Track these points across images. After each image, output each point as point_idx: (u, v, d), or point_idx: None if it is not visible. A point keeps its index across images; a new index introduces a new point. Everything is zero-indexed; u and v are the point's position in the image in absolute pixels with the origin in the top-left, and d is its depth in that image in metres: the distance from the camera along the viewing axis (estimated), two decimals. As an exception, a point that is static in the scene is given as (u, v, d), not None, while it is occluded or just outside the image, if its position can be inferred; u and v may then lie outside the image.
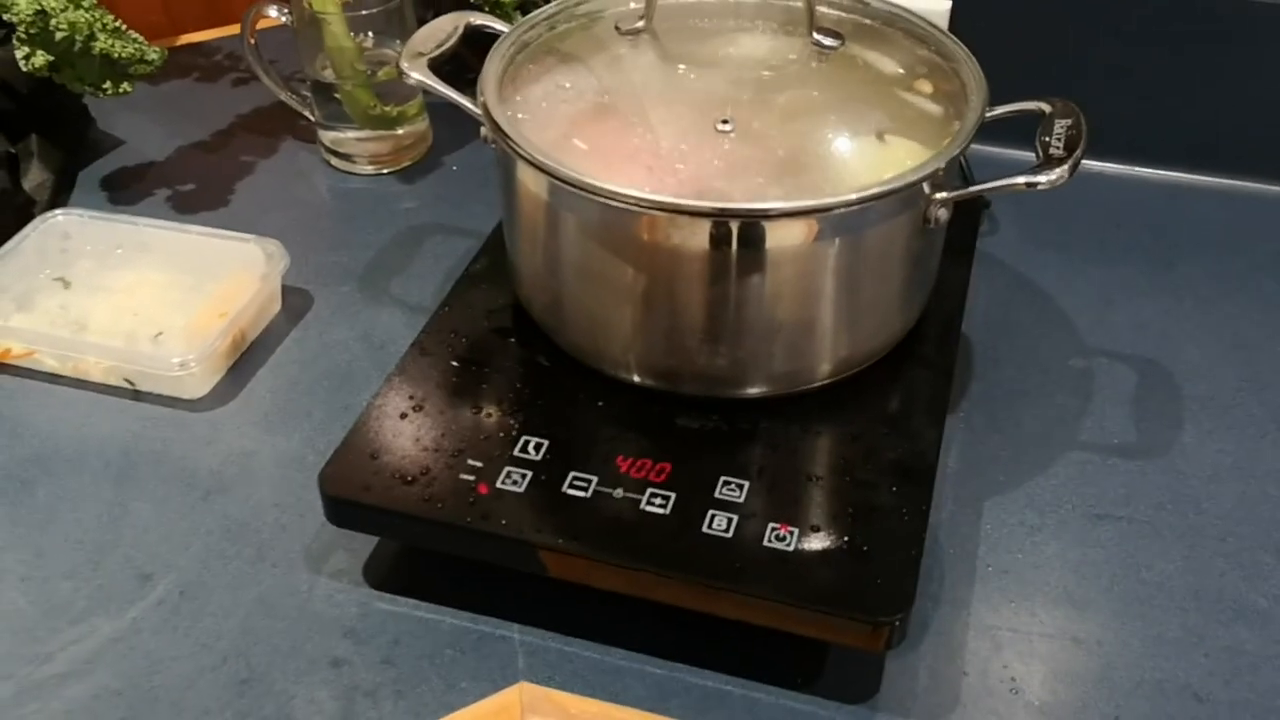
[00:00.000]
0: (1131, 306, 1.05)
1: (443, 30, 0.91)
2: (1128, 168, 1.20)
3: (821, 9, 0.92)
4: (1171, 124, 1.19)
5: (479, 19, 0.93)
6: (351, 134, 1.20)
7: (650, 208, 0.75)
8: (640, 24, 0.90)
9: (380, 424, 0.82)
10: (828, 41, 0.90)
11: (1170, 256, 1.11)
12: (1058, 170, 0.78)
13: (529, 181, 0.82)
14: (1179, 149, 1.20)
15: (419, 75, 0.87)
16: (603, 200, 0.76)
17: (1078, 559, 0.84)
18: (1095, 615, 0.80)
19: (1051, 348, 1.01)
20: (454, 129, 1.26)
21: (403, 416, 0.82)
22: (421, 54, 0.88)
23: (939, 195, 0.79)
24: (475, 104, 0.84)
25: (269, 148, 1.26)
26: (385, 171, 1.22)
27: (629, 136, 0.84)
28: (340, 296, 1.06)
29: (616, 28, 0.91)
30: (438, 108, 1.24)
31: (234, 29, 1.41)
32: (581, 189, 0.76)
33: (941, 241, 0.87)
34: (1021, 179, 0.78)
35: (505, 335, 0.90)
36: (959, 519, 0.86)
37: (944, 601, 0.81)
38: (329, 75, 1.16)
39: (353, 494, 0.78)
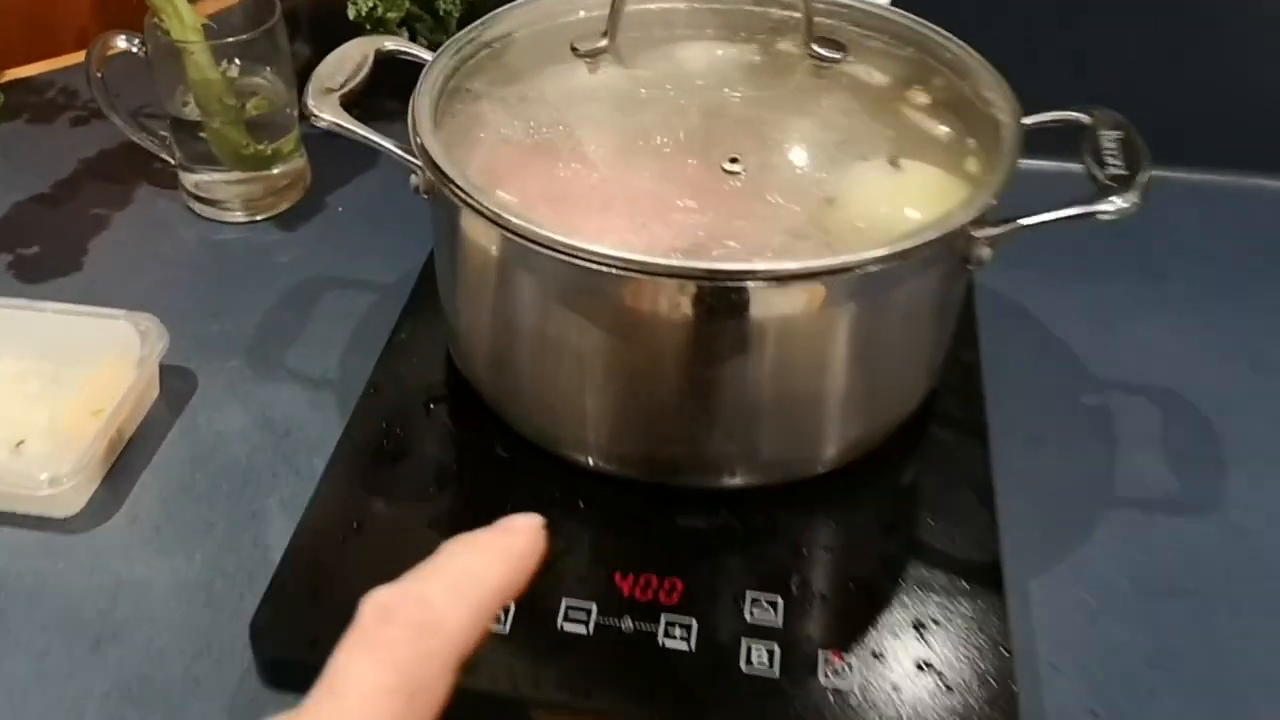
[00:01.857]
0: (1131, 327, 0.94)
1: (351, 60, 0.76)
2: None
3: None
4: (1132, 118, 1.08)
5: (392, 43, 0.78)
6: (219, 176, 1.04)
7: (658, 273, 0.60)
8: (603, 43, 0.76)
9: (315, 552, 0.67)
10: (826, 53, 0.76)
11: (1158, 266, 1.00)
12: (1127, 195, 0.65)
13: (480, 238, 0.67)
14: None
15: (331, 116, 0.71)
16: (579, 261, 0.61)
17: (1153, 648, 0.71)
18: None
19: (1057, 383, 0.89)
20: (334, 164, 1.10)
21: (342, 540, 0.67)
22: (330, 90, 0.73)
23: (982, 233, 0.65)
24: (400, 146, 0.69)
25: (122, 197, 1.08)
26: (260, 218, 1.06)
27: (598, 182, 0.70)
28: (228, 373, 0.89)
29: (573, 48, 0.76)
30: (316, 141, 1.07)
31: (63, 61, 1.28)
32: (549, 247, 0.61)
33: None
34: (1082, 209, 0.65)
35: (450, 421, 0.76)
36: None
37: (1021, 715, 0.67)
38: (192, 112, 1.00)
39: (296, 653, 0.62)
